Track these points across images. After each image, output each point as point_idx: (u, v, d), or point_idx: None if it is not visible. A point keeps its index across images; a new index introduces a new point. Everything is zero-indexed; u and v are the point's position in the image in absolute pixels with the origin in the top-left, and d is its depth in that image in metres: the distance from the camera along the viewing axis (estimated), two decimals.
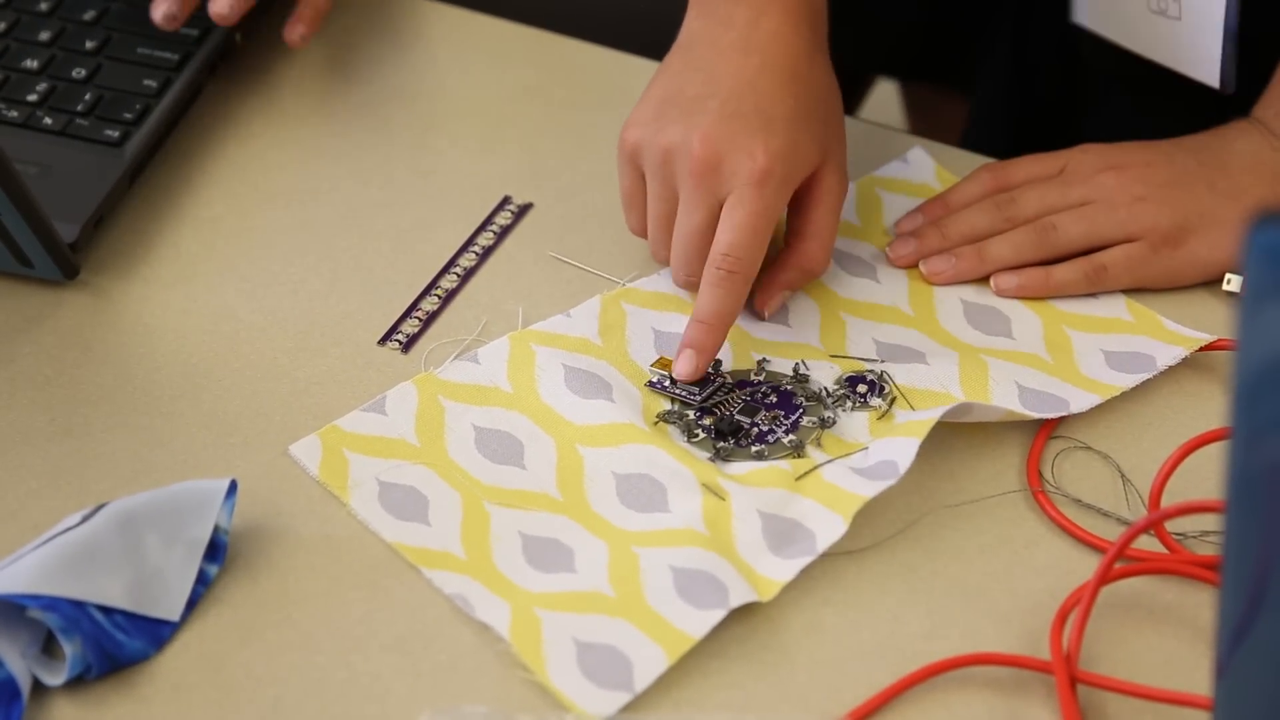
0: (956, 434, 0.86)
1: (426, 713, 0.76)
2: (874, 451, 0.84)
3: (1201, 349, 0.90)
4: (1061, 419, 0.87)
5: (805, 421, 0.87)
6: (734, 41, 0.90)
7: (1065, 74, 1.06)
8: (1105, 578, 0.78)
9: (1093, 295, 0.93)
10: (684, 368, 0.88)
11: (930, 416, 0.84)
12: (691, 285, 0.90)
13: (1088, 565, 0.81)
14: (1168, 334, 0.91)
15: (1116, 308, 0.93)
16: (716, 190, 0.88)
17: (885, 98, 1.44)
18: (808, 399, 0.88)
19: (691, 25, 0.93)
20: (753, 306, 0.92)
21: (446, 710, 0.76)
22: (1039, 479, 0.85)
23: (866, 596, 0.81)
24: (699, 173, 0.88)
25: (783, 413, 0.87)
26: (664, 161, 0.89)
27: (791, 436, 0.86)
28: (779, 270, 0.91)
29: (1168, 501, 0.83)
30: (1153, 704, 0.76)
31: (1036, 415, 0.86)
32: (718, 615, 0.78)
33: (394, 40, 1.09)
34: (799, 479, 0.83)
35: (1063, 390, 0.88)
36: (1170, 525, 0.82)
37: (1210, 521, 0.83)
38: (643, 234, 0.93)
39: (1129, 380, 0.88)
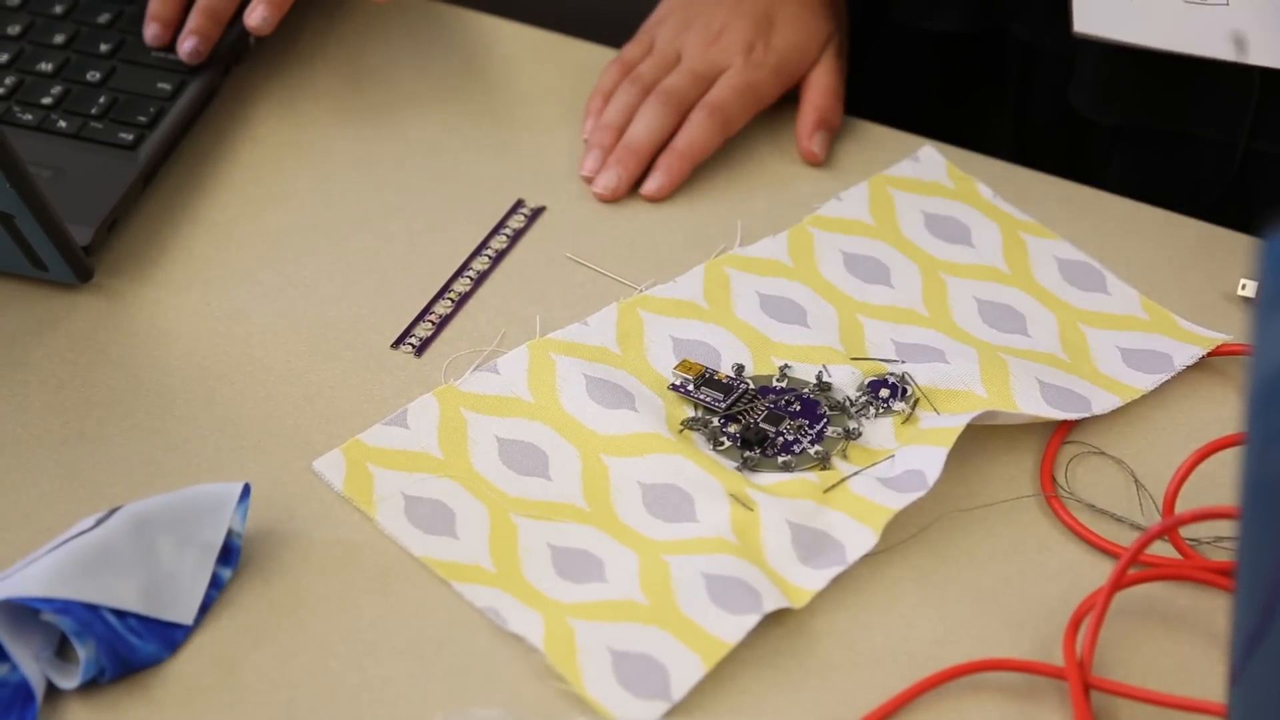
0: (970, 438, 0.85)
1: (439, 716, 0.76)
2: (900, 460, 0.84)
3: (1216, 352, 0.89)
4: (1075, 424, 0.87)
5: (830, 432, 0.87)
6: None
7: (1068, 135, 1.06)
8: (1119, 583, 0.78)
9: (1104, 292, 0.93)
10: (650, 186, 0.99)
11: (957, 424, 0.83)
12: (650, 136, 0.99)
13: (1101, 571, 0.81)
14: (1183, 333, 0.91)
15: (1130, 304, 0.93)
16: (711, 65, 1.00)
17: None
18: (831, 408, 0.88)
19: None
20: (801, 152, 1.01)
21: (458, 713, 0.76)
22: (1052, 484, 0.85)
23: (879, 601, 0.80)
24: (701, 45, 1.01)
25: (807, 421, 0.87)
26: (678, 33, 1.02)
27: (818, 447, 0.86)
28: (802, 117, 1.01)
29: (1182, 507, 0.82)
30: (1167, 712, 0.76)
31: (1060, 415, 0.85)
32: (752, 620, 0.78)
33: (407, 43, 1.09)
34: (827, 491, 0.83)
35: (1083, 388, 0.88)
36: (1185, 531, 0.82)
37: (1225, 527, 0.83)
38: (615, 77, 1.03)
39: (1148, 381, 0.88)
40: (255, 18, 1.03)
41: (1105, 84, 0.98)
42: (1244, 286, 0.93)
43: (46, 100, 1.01)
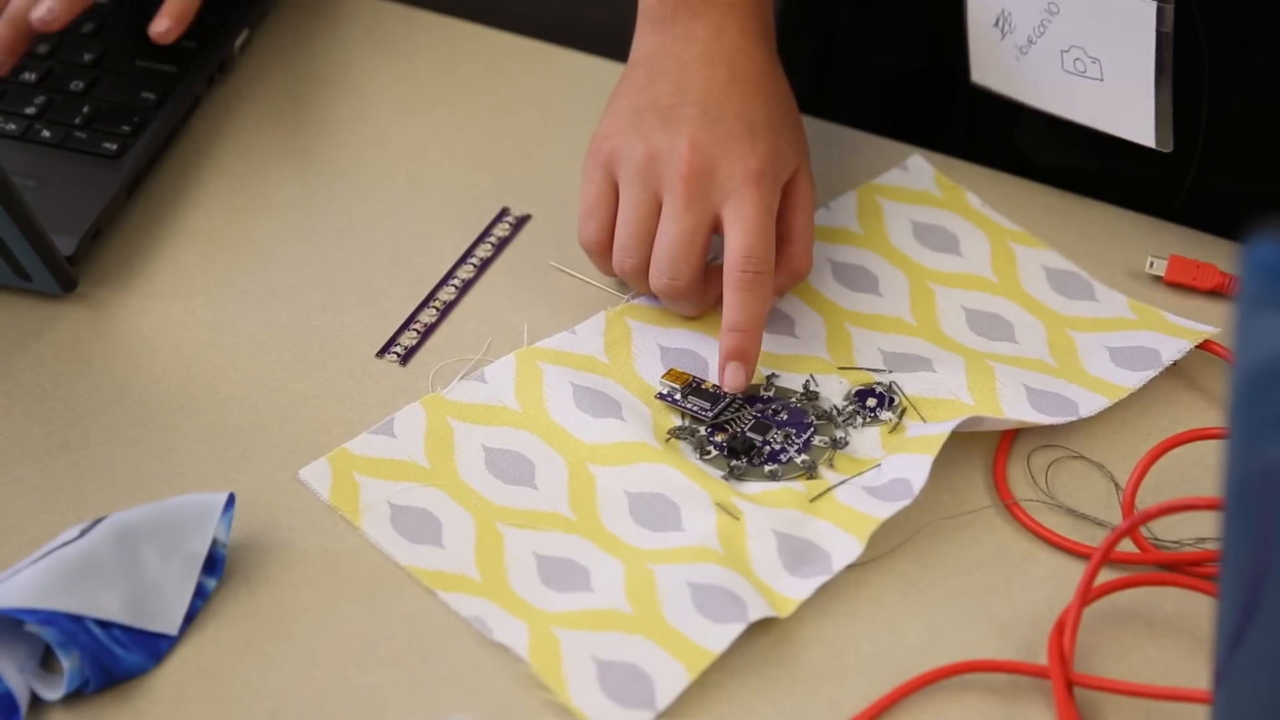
0: (956, 446, 0.85)
1: None
2: (887, 469, 0.84)
3: (1207, 348, 0.89)
4: (1022, 432, 0.86)
5: (817, 441, 0.86)
6: (698, 55, 0.91)
7: (1014, 173, 1.06)
8: (1090, 583, 0.78)
9: (1092, 299, 0.93)
10: (734, 380, 0.87)
11: (942, 431, 0.83)
12: (674, 290, 0.89)
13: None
14: (1171, 327, 0.91)
15: (1118, 307, 0.93)
16: (708, 195, 0.88)
17: None
18: (818, 417, 0.87)
19: (648, 41, 0.93)
20: None
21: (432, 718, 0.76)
22: (1009, 492, 0.84)
23: (865, 609, 0.80)
24: (691, 177, 0.88)
25: (794, 431, 0.87)
26: (648, 165, 0.89)
27: (804, 456, 0.86)
28: (777, 272, 0.91)
29: (1151, 504, 0.82)
30: (1151, 711, 0.76)
31: (1047, 420, 0.85)
32: (737, 629, 0.78)
33: (392, 52, 1.09)
34: (813, 500, 0.83)
35: (1070, 391, 0.88)
36: (1168, 534, 0.83)
37: (1206, 528, 0.83)
38: (598, 243, 0.91)
39: (1135, 379, 0.88)
40: (158, 26, 1.02)
41: (1045, 126, 0.98)
42: (1151, 264, 0.94)
43: (30, 110, 1.01)
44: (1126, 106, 0.93)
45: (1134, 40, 0.90)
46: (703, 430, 0.87)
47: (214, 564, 0.81)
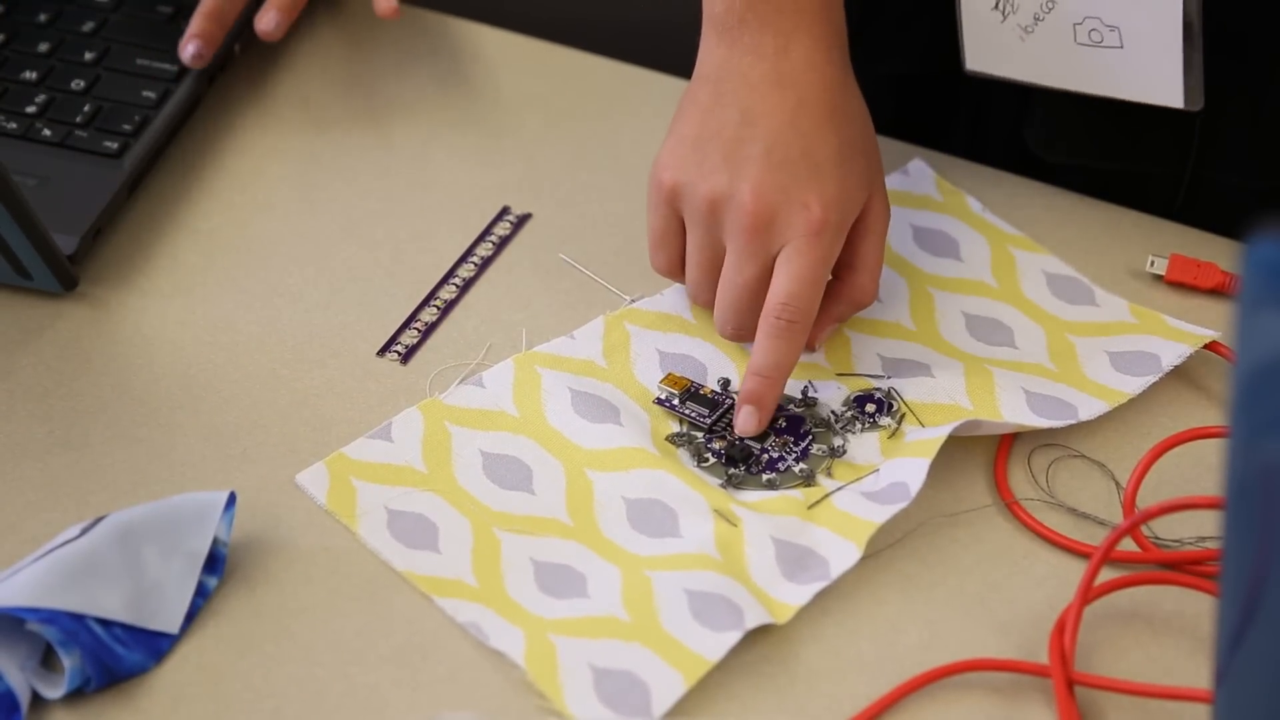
0: (955, 443, 0.85)
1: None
2: (885, 473, 0.84)
3: (1204, 347, 0.89)
4: (1021, 434, 0.86)
5: (815, 449, 0.86)
6: (766, 74, 0.87)
7: (1020, 173, 1.06)
8: (1091, 582, 0.78)
9: (1092, 304, 0.93)
10: (744, 425, 0.86)
11: (939, 434, 0.83)
12: (740, 336, 0.89)
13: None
14: (1172, 331, 0.91)
15: (1119, 311, 0.93)
16: (769, 245, 0.86)
17: None
18: (817, 424, 0.87)
19: (715, 54, 0.89)
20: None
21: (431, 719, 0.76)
22: (1009, 491, 0.84)
23: (865, 607, 0.80)
24: (752, 228, 0.85)
25: (792, 438, 0.87)
26: (709, 210, 0.87)
27: (802, 465, 0.86)
28: (829, 304, 0.89)
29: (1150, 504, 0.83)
30: (1151, 710, 0.76)
31: (1046, 424, 0.85)
32: (734, 637, 0.78)
33: (393, 50, 1.09)
34: (811, 507, 0.83)
35: (1070, 395, 0.87)
36: (1169, 533, 0.83)
37: (1207, 527, 0.83)
38: (669, 274, 0.91)
39: (1136, 385, 0.88)
40: (267, 22, 1.03)
41: (1055, 123, 0.97)
42: (1152, 264, 0.93)
43: (31, 109, 1.01)
44: (1150, 71, 0.91)
45: (1159, 1, 0.89)
46: (700, 436, 0.87)
47: (215, 563, 0.81)
